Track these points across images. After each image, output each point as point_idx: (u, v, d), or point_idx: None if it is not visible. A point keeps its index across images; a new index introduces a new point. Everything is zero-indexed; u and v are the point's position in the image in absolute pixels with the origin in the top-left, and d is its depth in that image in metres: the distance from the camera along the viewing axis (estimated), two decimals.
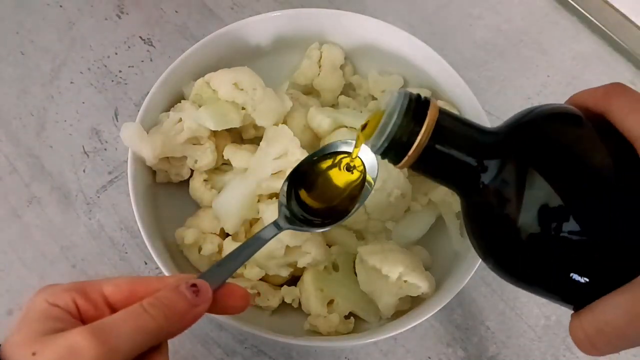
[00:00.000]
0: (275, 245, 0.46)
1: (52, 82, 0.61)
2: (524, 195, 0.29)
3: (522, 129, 0.31)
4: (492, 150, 0.31)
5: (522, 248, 0.29)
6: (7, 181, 0.57)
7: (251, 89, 0.49)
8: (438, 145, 0.31)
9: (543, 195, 0.28)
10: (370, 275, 0.47)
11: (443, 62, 0.52)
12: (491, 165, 0.31)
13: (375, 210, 0.48)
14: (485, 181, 0.31)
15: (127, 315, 0.29)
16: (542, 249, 0.28)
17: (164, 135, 0.48)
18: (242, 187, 0.48)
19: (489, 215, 0.31)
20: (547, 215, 0.28)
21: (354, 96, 0.58)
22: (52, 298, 0.30)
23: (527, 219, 0.28)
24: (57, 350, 0.27)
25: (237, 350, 0.51)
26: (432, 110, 0.31)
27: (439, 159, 0.31)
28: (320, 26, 0.55)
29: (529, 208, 0.28)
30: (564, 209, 0.28)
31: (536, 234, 0.28)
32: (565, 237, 0.27)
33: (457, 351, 0.53)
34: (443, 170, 0.32)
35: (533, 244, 0.29)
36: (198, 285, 0.32)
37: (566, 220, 0.27)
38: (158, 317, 0.29)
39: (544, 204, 0.28)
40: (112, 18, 0.65)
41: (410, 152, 0.31)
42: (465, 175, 0.32)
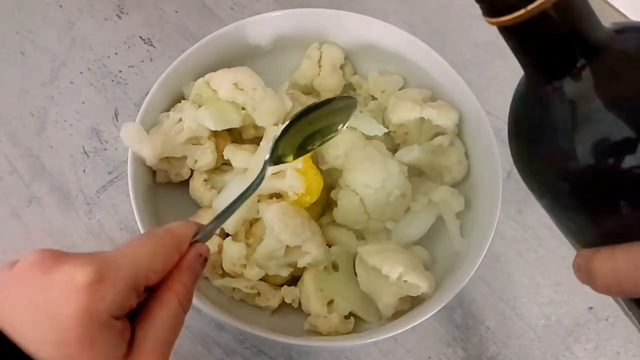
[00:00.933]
0: (275, 245, 0.46)
1: (52, 82, 0.61)
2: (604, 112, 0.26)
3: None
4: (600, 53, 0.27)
5: (581, 162, 0.26)
6: (7, 181, 0.57)
7: (251, 89, 0.49)
8: (557, 17, 0.26)
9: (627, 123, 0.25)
10: (370, 275, 0.47)
11: (443, 62, 0.52)
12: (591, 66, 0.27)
13: (375, 210, 0.48)
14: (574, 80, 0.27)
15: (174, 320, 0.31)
16: (602, 171, 0.26)
17: (164, 135, 0.48)
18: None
19: (559, 113, 0.28)
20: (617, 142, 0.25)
21: (353, 96, 0.58)
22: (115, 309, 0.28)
23: (595, 136, 0.26)
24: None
25: (237, 350, 0.51)
26: None
27: (545, 31, 0.27)
28: (320, 26, 0.55)
29: (603, 127, 0.26)
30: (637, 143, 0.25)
31: (600, 153, 0.26)
32: (630, 169, 0.25)
33: (457, 351, 0.53)
34: (536, 45, 0.28)
35: (594, 161, 0.26)
36: (204, 256, 0.34)
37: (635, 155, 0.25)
38: (188, 306, 0.32)
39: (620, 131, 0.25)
40: (112, 18, 0.65)
41: (529, 8, 0.25)
42: (558, 62, 0.27)
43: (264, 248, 0.46)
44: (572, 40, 0.27)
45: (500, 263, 0.56)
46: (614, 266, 0.27)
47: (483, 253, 0.46)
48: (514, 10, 0.26)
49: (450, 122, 0.51)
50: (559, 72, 0.28)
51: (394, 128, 0.53)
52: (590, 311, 0.55)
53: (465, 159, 0.53)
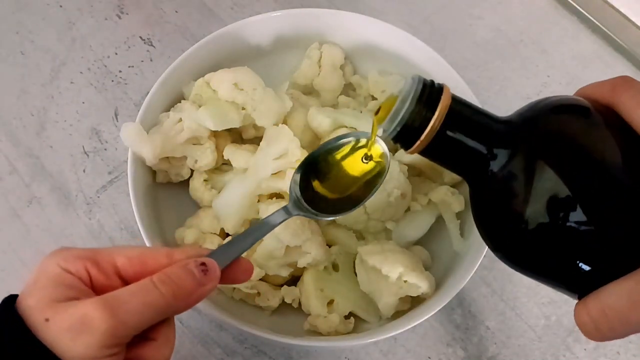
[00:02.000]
0: (275, 245, 0.46)
1: (52, 82, 0.61)
2: (532, 184, 0.29)
3: (532, 120, 0.31)
4: (503, 139, 0.31)
5: (530, 237, 0.29)
6: (7, 181, 0.57)
7: (251, 89, 0.49)
8: (449, 132, 0.31)
9: (551, 186, 0.28)
10: (370, 275, 0.47)
11: (443, 62, 0.52)
12: (501, 154, 0.31)
13: (375, 210, 0.48)
14: (495, 169, 0.31)
15: (138, 289, 0.30)
16: (550, 239, 0.29)
17: (164, 135, 0.48)
18: (242, 187, 0.48)
19: (497, 203, 0.31)
20: (555, 205, 0.28)
21: (354, 96, 0.58)
22: (64, 263, 0.30)
23: (535, 208, 0.29)
24: (69, 319, 0.28)
25: (237, 350, 0.51)
26: (445, 96, 0.31)
27: (449, 145, 0.32)
28: (320, 26, 0.55)
29: (537, 198, 0.29)
30: (571, 200, 0.28)
31: (544, 224, 0.29)
32: (572, 227, 0.28)
33: (457, 351, 0.53)
34: (453, 157, 0.33)
35: (540, 233, 0.29)
36: (207, 265, 0.32)
37: (573, 211, 0.28)
38: (167, 294, 0.30)
39: (553, 194, 0.28)
40: (112, 18, 0.65)
41: (422, 138, 0.31)
42: (475, 163, 0.32)
43: (264, 248, 0.46)
44: (476, 140, 0.31)
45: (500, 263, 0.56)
46: (590, 317, 0.29)
47: (483, 253, 0.46)
48: (415, 141, 0.32)
49: None
50: (482, 166, 0.32)
51: None
52: None
53: None
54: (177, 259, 0.33)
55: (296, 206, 0.41)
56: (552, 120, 0.31)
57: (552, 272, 0.31)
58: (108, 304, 0.28)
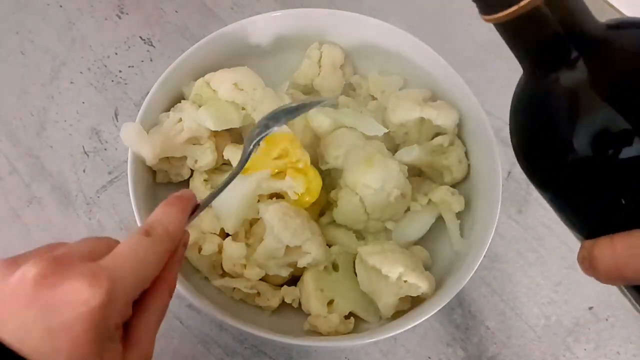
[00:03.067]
0: (275, 245, 0.46)
1: (52, 82, 0.61)
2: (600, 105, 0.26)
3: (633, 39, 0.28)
4: (594, 46, 0.28)
5: (579, 155, 0.27)
6: (7, 181, 0.57)
7: (251, 89, 0.49)
8: (549, 12, 0.27)
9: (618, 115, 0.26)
10: (370, 275, 0.47)
11: (443, 62, 0.52)
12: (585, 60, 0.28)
13: (375, 210, 0.48)
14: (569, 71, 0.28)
15: (165, 306, 0.32)
16: (598, 163, 0.26)
17: (164, 135, 0.48)
18: (242, 187, 0.48)
19: (554, 107, 0.28)
20: (613, 135, 0.26)
21: (354, 96, 0.58)
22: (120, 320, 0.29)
23: (592, 129, 0.26)
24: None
25: (237, 350, 0.51)
26: None
27: (539, 26, 0.28)
28: (320, 26, 0.55)
29: (599, 121, 0.26)
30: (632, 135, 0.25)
31: (597, 145, 0.26)
32: (626, 160, 0.26)
33: (457, 351, 0.53)
34: (532, 41, 0.29)
35: (592, 153, 0.26)
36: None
37: (631, 146, 0.25)
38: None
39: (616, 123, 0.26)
40: (112, 18, 0.65)
41: (521, 4, 0.26)
42: (553, 57, 0.28)
43: (264, 248, 0.46)
44: (565, 34, 0.28)
45: (500, 263, 0.56)
46: (613, 253, 0.27)
47: (483, 253, 0.46)
48: (508, 7, 0.27)
49: (450, 122, 0.51)
50: (555, 65, 0.28)
51: (394, 128, 0.53)
52: (590, 311, 0.55)
53: (465, 159, 0.53)
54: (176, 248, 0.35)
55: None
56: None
57: (583, 199, 0.28)
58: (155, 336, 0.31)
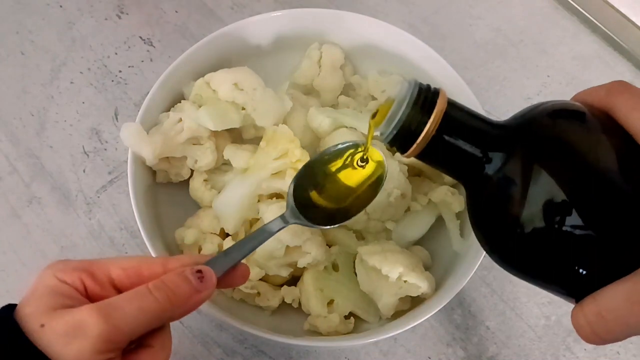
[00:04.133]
0: (275, 245, 0.46)
1: (52, 82, 0.61)
2: (528, 188, 0.29)
3: (528, 124, 0.32)
4: (498, 143, 0.31)
5: (526, 241, 0.29)
6: (7, 181, 0.57)
7: (251, 89, 0.49)
8: (445, 136, 0.31)
9: (547, 190, 0.28)
10: (370, 275, 0.47)
11: (443, 62, 0.52)
12: (496, 157, 0.31)
13: (375, 210, 0.48)
14: (490, 173, 0.31)
15: (133, 295, 0.30)
16: (546, 242, 0.29)
17: (164, 135, 0.48)
18: (242, 187, 0.48)
19: (493, 207, 0.32)
20: (550, 209, 0.28)
21: (354, 96, 0.58)
22: (61, 274, 0.31)
23: (530, 212, 0.29)
24: (64, 325, 0.28)
25: (237, 350, 0.51)
26: (441, 100, 0.31)
27: (445, 148, 0.32)
28: (320, 26, 0.55)
29: (533, 202, 0.29)
30: (567, 204, 0.28)
31: (540, 227, 0.29)
32: (568, 231, 0.28)
33: (457, 351, 0.53)
34: (449, 160, 0.33)
35: (536, 236, 0.29)
36: (203, 272, 0.32)
37: (569, 215, 0.28)
38: (162, 300, 0.30)
39: (548, 198, 0.28)
40: (112, 18, 0.65)
41: (418, 141, 0.31)
42: (471, 166, 0.32)
43: (264, 248, 0.46)
44: (471, 144, 0.32)
45: None
46: (586, 321, 0.28)
47: (483, 253, 0.46)
48: (410, 146, 0.32)
49: None
50: (478, 169, 0.32)
51: None
52: None
53: None
54: (172, 267, 0.33)
55: (293, 215, 0.41)
56: (548, 125, 0.31)
57: (548, 275, 0.31)
58: (102, 309, 0.29)
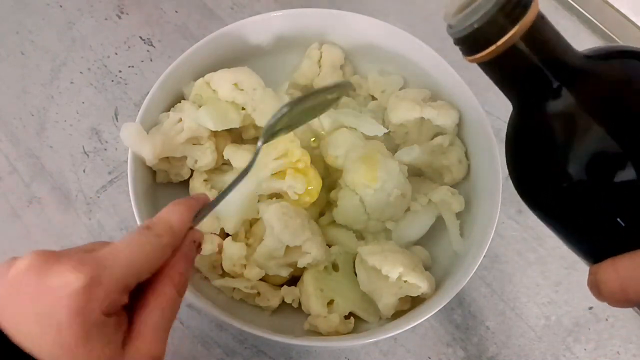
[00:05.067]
0: (275, 245, 0.46)
1: (52, 82, 0.61)
2: (589, 130, 0.27)
3: (611, 67, 0.30)
4: (574, 76, 0.29)
5: (573, 181, 0.28)
6: (7, 181, 0.57)
7: (251, 89, 0.49)
8: (525, 48, 0.28)
9: (608, 140, 0.27)
10: (370, 275, 0.47)
11: (443, 62, 0.52)
12: (567, 89, 0.29)
13: (375, 210, 0.48)
14: (556, 102, 0.29)
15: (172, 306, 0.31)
16: (593, 187, 0.27)
17: (164, 135, 0.48)
18: (242, 187, 0.48)
19: (545, 138, 0.29)
20: (604, 159, 0.27)
21: (354, 96, 0.58)
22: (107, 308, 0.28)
23: (584, 153, 0.27)
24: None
25: (237, 350, 0.51)
26: (533, 8, 0.28)
27: (519, 62, 0.29)
28: (320, 26, 0.55)
29: (590, 146, 0.27)
30: (624, 157, 0.26)
31: (590, 171, 0.27)
32: (619, 180, 0.26)
33: (457, 351, 0.53)
34: (514, 76, 0.30)
35: (584, 180, 0.27)
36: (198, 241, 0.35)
37: (622, 169, 0.26)
38: (184, 291, 0.32)
39: (607, 148, 0.27)
40: (112, 18, 0.65)
41: (498, 44, 0.28)
42: (536, 90, 0.29)
43: (264, 248, 0.46)
44: (546, 67, 0.29)
45: (500, 263, 0.56)
46: (617, 275, 0.27)
47: (483, 253, 0.46)
48: (486, 47, 0.28)
49: (450, 122, 0.51)
50: (540, 98, 0.29)
51: (393, 128, 0.53)
52: (590, 311, 0.55)
53: (465, 159, 0.53)
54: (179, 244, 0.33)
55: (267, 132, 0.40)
56: (632, 73, 0.29)
57: (584, 224, 0.29)
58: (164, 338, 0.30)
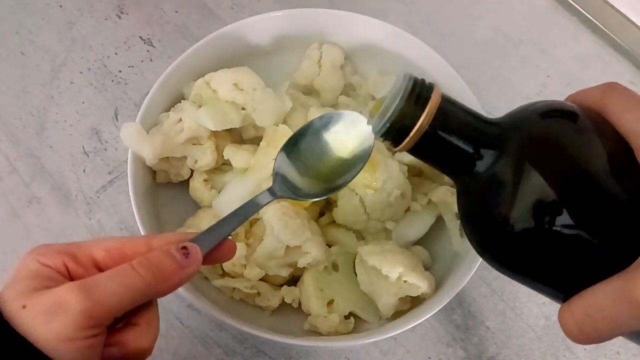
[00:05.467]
0: (275, 245, 0.46)
1: (52, 82, 0.61)
2: (519, 187, 0.29)
3: (520, 123, 0.32)
4: (491, 141, 0.31)
5: (515, 239, 0.29)
6: (7, 181, 0.57)
7: (251, 89, 0.49)
8: (438, 131, 0.31)
9: (538, 189, 0.28)
10: (370, 275, 0.47)
11: (443, 62, 0.52)
12: (489, 154, 0.31)
13: (375, 210, 0.48)
14: (482, 170, 0.31)
15: (115, 273, 0.30)
16: (535, 241, 0.29)
17: (164, 135, 0.48)
18: (242, 187, 0.48)
19: (484, 204, 0.31)
20: (541, 208, 0.28)
21: (354, 96, 0.58)
22: (43, 258, 0.31)
23: (520, 211, 0.29)
24: (45, 303, 0.28)
25: (237, 350, 0.51)
26: (435, 95, 0.31)
27: (437, 144, 0.32)
28: (320, 26, 0.55)
29: (523, 200, 0.29)
30: (557, 204, 0.28)
31: (529, 226, 0.29)
32: (557, 230, 0.28)
33: (457, 351, 0.53)
34: (440, 156, 0.33)
35: (526, 235, 0.29)
36: (188, 248, 0.32)
37: (559, 215, 0.28)
38: (146, 276, 0.30)
39: (539, 197, 0.28)
40: (112, 18, 0.65)
41: (411, 135, 0.31)
42: (462, 163, 0.32)
43: (264, 248, 0.46)
44: (464, 142, 0.31)
45: None
46: (573, 319, 0.29)
47: None
48: (403, 140, 0.32)
49: None
50: (469, 167, 0.32)
51: None
52: None
53: None
54: (157, 245, 0.33)
55: (281, 188, 0.40)
56: (540, 124, 0.31)
57: (536, 274, 0.31)
58: (84, 286, 0.28)
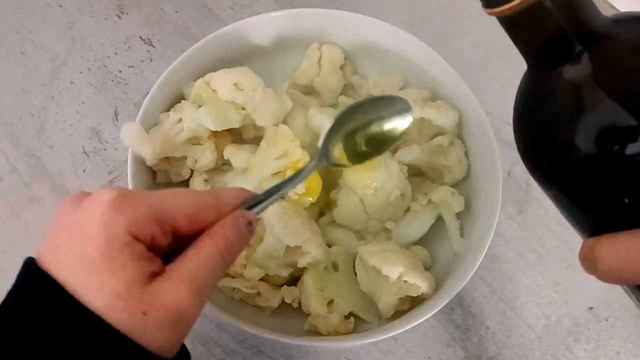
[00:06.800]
0: (275, 245, 0.46)
1: (52, 82, 0.61)
2: (604, 98, 0.26)
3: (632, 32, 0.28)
4: (597, 40, 0.28)
5: (583, 151, 0.26)
6: (7, 181, 0.57)
7: (251, 89, 0.49)
8: (551, 6, 0.27)
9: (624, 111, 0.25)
10: (370, 275, 0.47)
11: (443, 62, 0.52)
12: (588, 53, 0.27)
13: (375, 210, 0.48)
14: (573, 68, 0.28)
15: (214, 265, 0.30)
16: (602, 160, 0.26)
17: (164, 135, 0.48)
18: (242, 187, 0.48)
19: (557, 102, 0.28)
20: (619, 131, 0.25)
21: (354, 96, 0.58)
22: (134, 228, 0.28)
23: (597, 125, 0.26)
24: (167, 312, 0.27)
25: (237, 350, 0.51)
26: None
27: (541, 20, 0.27)
28: (320, 26, 0.55)
29: (604, 116, 0.26)
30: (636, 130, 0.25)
31: (602, 142, 0.26)
32: (631, 158, 0.25)
33: (457, 351, 0.53)
34: (534, 35, 0.29)
35: (595, 150, 0.26)
36: (252, 224, 0.33)
37: (637, 144, 0.25)
38: (229, 261, 0.32)
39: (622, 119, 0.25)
40: (112, 18, 0.65)
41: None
42: (555, 50, 0.28)
43: (264, 248, 0.46)
44: (569, 28, 0.27)
45: (500, 263, 0.56)
46: (615, 253, 0.26)
47: (483, 253, 0.46)
48: (510, 0, 0.27)
49: (450, 122, 0.51)
50: (559, 60, 0.28)
51: None
52: (590, 311, 0.55)
53: (465, 159, 0.53)
54: (225, 212, 0.32)
55: (324, 156, 0.43)
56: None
57: (586, 196, 0.28)
58: (195, 288, 0.28)
